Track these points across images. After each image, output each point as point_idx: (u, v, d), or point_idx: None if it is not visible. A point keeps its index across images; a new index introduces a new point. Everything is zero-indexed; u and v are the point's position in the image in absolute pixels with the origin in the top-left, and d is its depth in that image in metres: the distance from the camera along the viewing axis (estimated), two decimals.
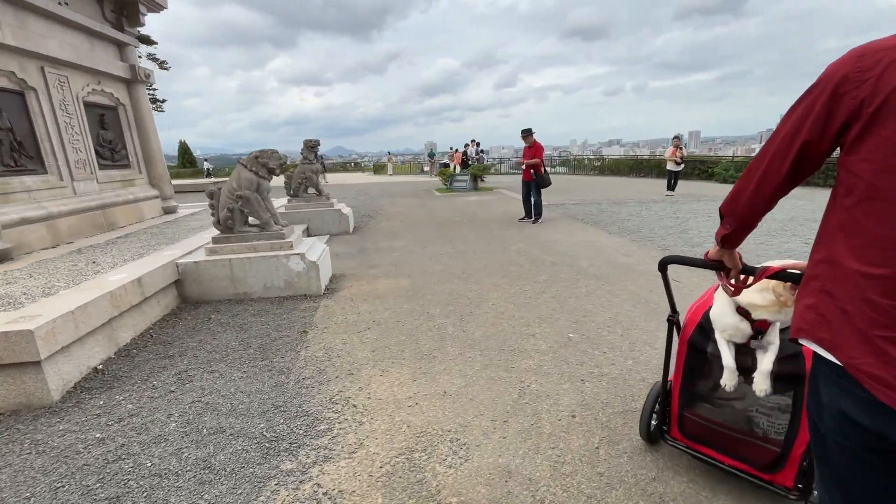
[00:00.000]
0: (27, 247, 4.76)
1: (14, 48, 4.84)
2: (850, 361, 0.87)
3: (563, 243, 6.48)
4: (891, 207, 0.82)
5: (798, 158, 0.97)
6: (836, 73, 0.87)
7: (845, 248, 0.90)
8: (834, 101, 0.87)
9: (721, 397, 1.74)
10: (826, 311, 0.93)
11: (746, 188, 1.09)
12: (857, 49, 0.86)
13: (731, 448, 1.74)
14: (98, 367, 3.04)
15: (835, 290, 0.92)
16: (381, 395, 2.62)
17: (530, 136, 8.17)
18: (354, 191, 17.03)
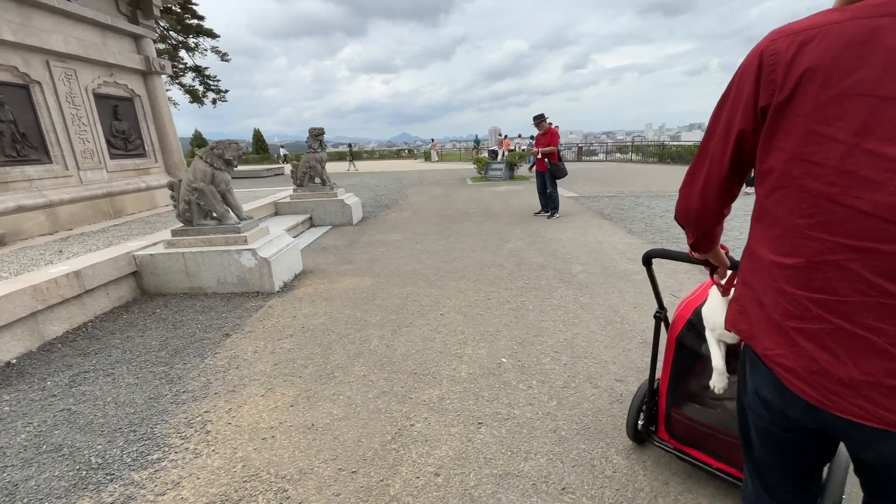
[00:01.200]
0: (24, 233, 5.06)
1: (16, 44, 5.08)
2: (765, 353, 0.90)
3: (567, 243, 5.78)
4: (801, 196, 0.81)
5: (737, 151, 0.91)
6: (755, 56, 0.83)
7: (761, 238, 0.91)
8: (758, 84, 0.83)
9: (710, 398, 1.69)
10: (746, 303, 0.95)
11: (692, 193, 1.03)
12: (774, 31, 0.83)
13: (719, 450, 1.69)
14: (12, 361, 3.06)
15: (753, 281, 0.93)
16: (244, 422, 2.33)
17: (544, 121, 7.42)
18: (390, 178, 16.98)
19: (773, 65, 0.79)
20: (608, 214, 7.67)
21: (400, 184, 14.78)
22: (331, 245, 6.31)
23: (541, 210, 7.92)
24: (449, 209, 9.00)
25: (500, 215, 8.06)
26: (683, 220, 1.12)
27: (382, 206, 9.74)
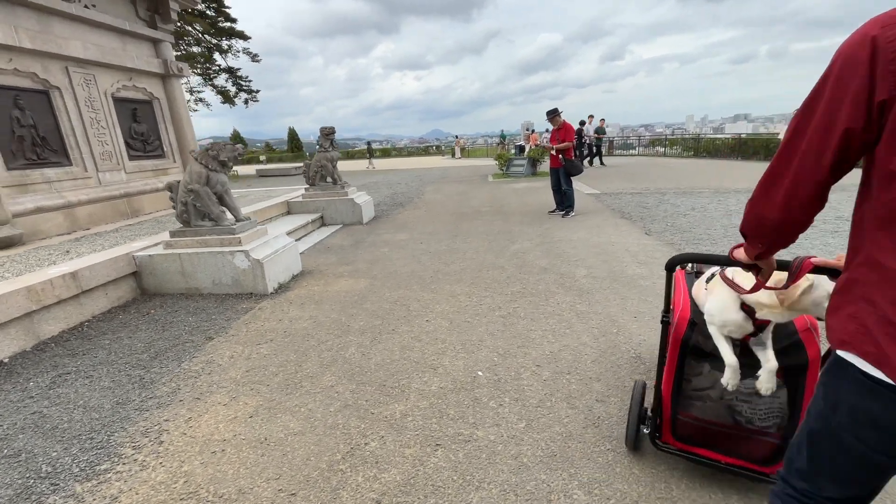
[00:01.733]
0: (42, 233, 5.29)
1: (35, 51, 5.30)
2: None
3: (577, 244, 5.49)
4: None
5: (841, 151, 0.82)
6: (863, 44, 0.74)
7: (889, 248, 0.80)
8: (873, 76, 0.73)
9: (714, 395, 1.68)
10: (868, 321, 0.84)
11: (773, 200, 0.94)
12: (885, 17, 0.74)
13: (728, 445, 1.69)
14: (4, 360, 3.15)
15: (878, 297, 0.83)
16: (200, 433, 2.27)
17: (558, 116, 7.09)
18: (411, 176, 16.94)
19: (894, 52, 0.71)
20: (627, 213, 7.27)
21: (420, 181, 14.70)
22: (336, 245, 6.28)
23: (555, 209, 7.61)
24: (462, 207, 8.82)
25: (514, 214, 7.81)
26: (755, 231, 1.04)
27: (397, 205, 9.68)
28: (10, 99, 5.15)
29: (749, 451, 1.65)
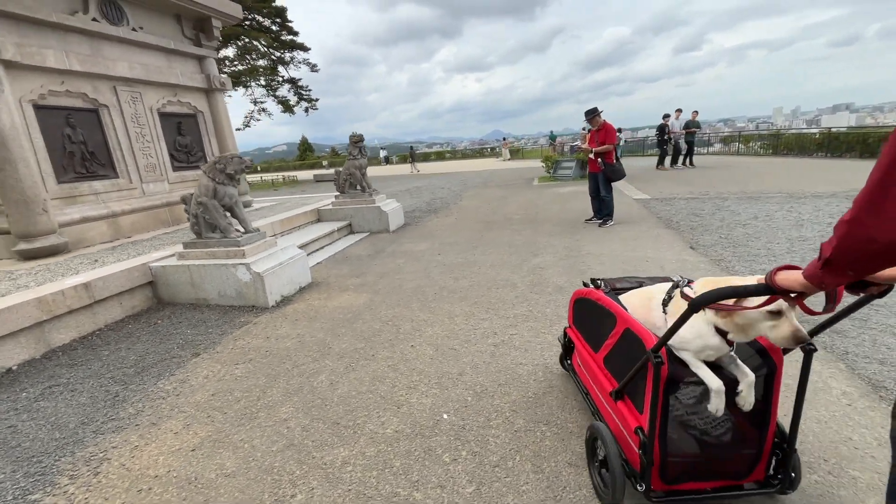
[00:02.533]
0: (87, 241, 5.71)
1: (84, 73, 5.74)
2: None
3: (606, 259, 4.95)
4: None
5: None
6: None
7: None
8: None
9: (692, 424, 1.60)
10: None
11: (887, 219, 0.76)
12: None
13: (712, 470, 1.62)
14: (13, 367, 3.34)
15: None
16: (138, 465, 2.18)
17: (597, 116, 6.51)
18: (455, 180, 16.73)
19: None
20: (675, 222, 6.50)
21: (463, 186, 14.44)
22: (355, 254, 6.20)
23: (592, 216, 7.01)
24: (495, 214, 8.44)
25: (547, 222, 7.31)
26: (853, 257, 0.87)
27: (430, 212, 9.49)
28: (63, 118, 5.62)
29: (732, 469, 1.61)
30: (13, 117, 4.86)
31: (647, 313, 1.73)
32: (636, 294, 1.89)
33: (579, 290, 2.25)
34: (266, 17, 23.53)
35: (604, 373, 1.90)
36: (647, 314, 1.73)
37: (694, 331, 1.48)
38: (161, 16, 6.99)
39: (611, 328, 1.84)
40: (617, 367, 1.80)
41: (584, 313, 2.23)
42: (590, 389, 2.10)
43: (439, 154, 44.02)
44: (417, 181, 17.92)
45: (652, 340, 1.53)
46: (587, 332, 2.18)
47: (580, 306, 2.27)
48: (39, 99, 5.31)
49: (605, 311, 1.91)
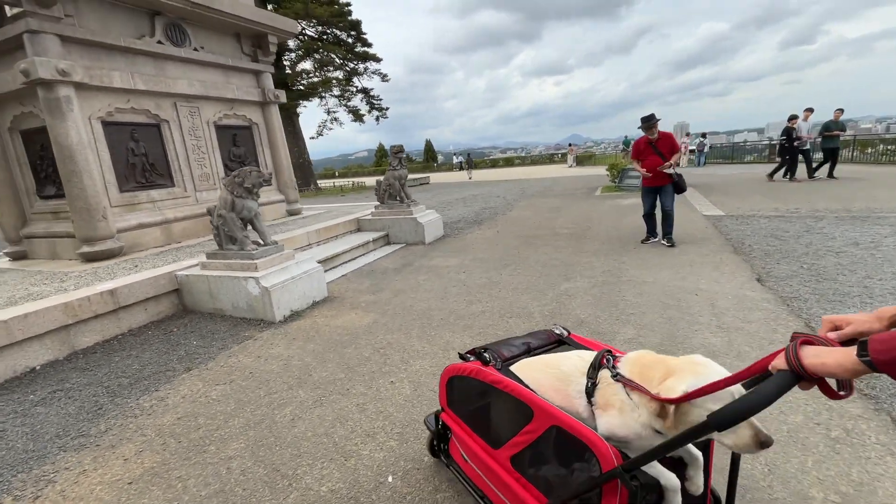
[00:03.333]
0: (141, 245, 6.18)
1: (148, 91, 6.25)
2: None
3: (647, 289, 4.28)
4: None
5: None
6: None
7: None
8: None
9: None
10: None
11: None
12: None
13: None
14: (36, 367, 3.59)
15: None
16: (73, 493, 2.14)
17: (656, 124, 5.73)
18: (511, 188, 16.16)
19: None
20: (747, 246, 5.53)
21: (520, 194, 13.88)
22: (382, 268, 6.07)
23: (648, 236, 6.20)
24: (540, 228, 7.87)
25: (595, 239, 6.63)
26: None
27: (474, 223, 9.15)
28: (128, 133, 6.16)
29: None
30: (81, 134, 5.39)
31: (562, 400, 1.34)
32: (540, 370, 1.46)
33: (457, 366, 1.70)
34: (342, 30, 24.78)
35: (514, 477, 1.45)
36: (564, 401, 1.34)
37: (630, 431, 1.21)
38: (221, 35, 7.47)
39: (523, 421, 1.38)
40: (537, 473, 1.37)
41: (469, 396, 1.70)
42: (489, 496, 1.61)
43: (508, 160, 43.35)
44: (476, 189, 17.63)
45: (607, 451, 1.15)
46: (477, 422, 1.67)
47: (462, 386, 1.72)
48: (107, 116, 5.85)
49: (511, 398, 1.43)
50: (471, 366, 1.61)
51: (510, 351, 1.67)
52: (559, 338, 1.76)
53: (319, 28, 24.54)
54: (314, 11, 21.76)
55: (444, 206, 12.77)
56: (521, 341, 1.73)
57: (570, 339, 1.76)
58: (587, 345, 1.69)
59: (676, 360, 1.22)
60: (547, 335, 1.78)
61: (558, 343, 1.75)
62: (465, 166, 28.31)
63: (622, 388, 1.23)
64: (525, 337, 1.78)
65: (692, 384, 1.08)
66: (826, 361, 0.82)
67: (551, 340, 1.75)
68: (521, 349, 1.68)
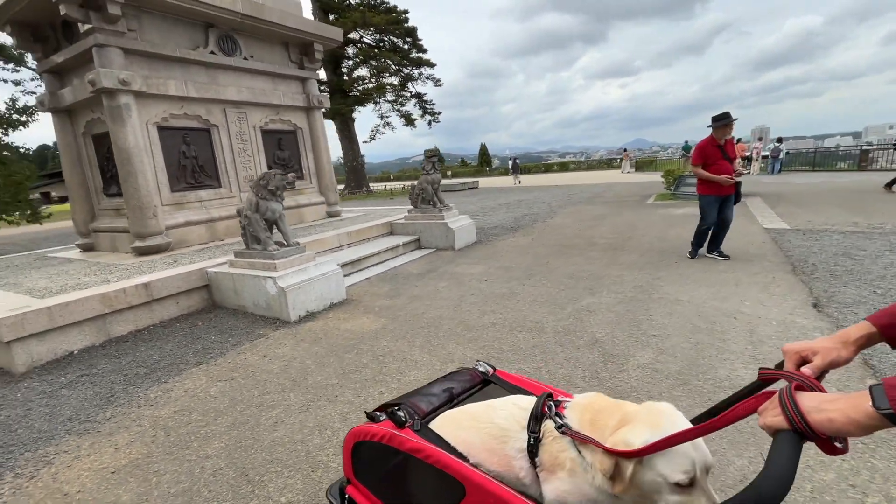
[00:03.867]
0: (187, 242, 6.61)
1: (200, 98, 6.70)
2: None
3: (679, 308, 3.89)
4: None
5: None
6: None
7: None
8: None
9: None
10: None
11: None
12: None
13: None
14: (74, 351, 3.91)
15: None
16: (63, 477, 2.26)
17: (732, 124, 5.12)
18: (558, 194, 15.62)
19: None
20: (809, 265, 4.88)
21: (566, 201, 13.38)
22: (405, 272, 6.04)
23: (695, 250, 5.59)
24: (578, 237, 7.48)
25: (635, 251, 6.17)
26: None
27: (511, 229, 8.91)
28: (180, 137, 6.63)
29: None
30: (137, 138, 5.87)
31: (499, 463, 1.10)
32: (470, 426, 1.18)
33: (364, 429, 1.32)
34: (398, 36, 25.38)
35: None
36: (501, 464, 1.10)
37: (585, 498, 1.00)
38: (271, 44, 7.86)
39: (454, 500, 1.10)
40: None
41: (383, 466, 1.34)
42: None
43: (562, 165, 42.18)
44: (523, 194, 17.25)
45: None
46: (394, 498, 1.33)
47: (373, 454, 1.34)
48: (162, 121, 6.34)
49: (437, 471, 1.12)
50: (381, 429, 1.26)
51: (430, 403, 1.37)
52: (484, 377, 1.52)
53: (377, 36, 25.34)
54: (371, 20, 22.46)
55: (485, 211, 12.61)
56: (442, 388, 1.45)
57: (498, 378, 1.50)
58: (520, 385, 1.45)
59: (635, 407, 1.02)
60: (470, 375, 1.53)
61: (483, 384, 1.51)
62: (512, 171, 27.91)
63: (571, 442, 1.01)
64: (445, 381, 1.50)
65: (647, 439, 0.89)
66: (833, 417, 0.66)
67: (476, 382, 1.50)
68: (442, 398, 1.40)
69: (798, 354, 0.90)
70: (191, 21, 6.59)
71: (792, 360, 0.90)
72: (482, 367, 1.55)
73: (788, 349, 0.92)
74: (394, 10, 24.82)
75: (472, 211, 12.80)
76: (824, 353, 0.86)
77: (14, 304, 3.90)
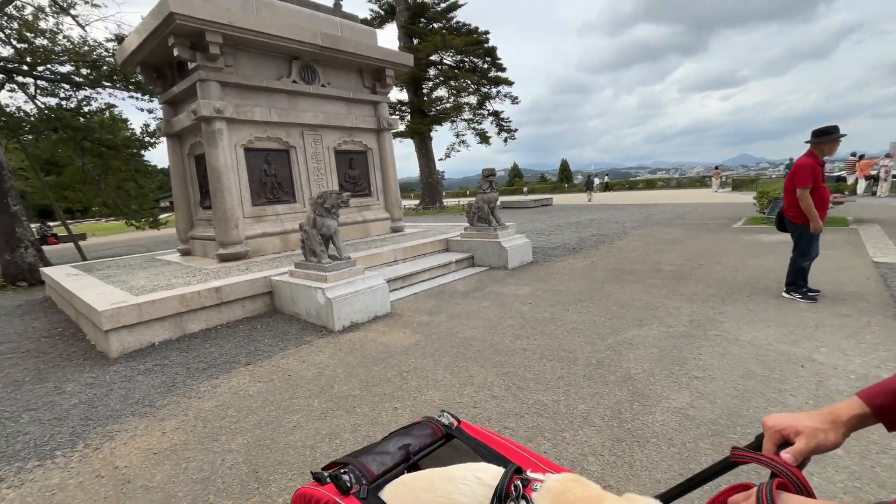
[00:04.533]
0: (263, 251, 7.34)
1: (281, 123, 7.48)
2: None
3: (737, 350, 3.49)
4: None
5: None
6: None
7: None
8: None
9: None
10: None
11: None
12: None
13: None
14: (155, 343, 4.53)
15: None
16: (117, 452, 2.64)
17: (839, 140, 4.40)
18: (638, 213, 14.68)
19: None
20: None
21: (640, 221, 12.57)
22: (452, 290, 6.11)
23: (806, 290, 4.64)
24: (643, 262, 7.00)
25: (702, 281, 5.63)
26: None
27: (571, 250, 8.58)
28: (263, 157, 7.43)
29: None
30: (227, 158, 6.71)
31: None
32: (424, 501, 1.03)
33: (306, 491, 1.13)
34: (478, 57, 25.99)
35: None
36: None
37: None
38: (347, 72, 8.54)
39: None
40: None
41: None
42: None
43: (648, 182, 39.60)
44: (597, 213, 16.53)
45: None
46: None
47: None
48: (248, 143, 7.17)
49: None
50: (324, 494, 1.09)
51: (382, 464, 1.21)
52: (447, 430, 1.35)
53: (457, 57, 26.20)
54: (451, 42, 23.31)
55: (552, 229, 12.29)
56: (399, 444, 1.29)
57: (462, 433, 1.32)
58: (487, 443, 1.29)
59: (616, 499, 0.87)
60: (431, 429, 1.36)
61: (446, 438, 1.34)
62: (585, 189, 26.91)
63: None
64: (402, 436, 1.34)
65: None
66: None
67: (437, 437, 1.34)
68: (397, 458, 1.25)
69: (779, 432, 0.78)
70: (278, 55, 7.42)
71: (772, 439, 0.79)
72: (446, 419, 1.39)
73: (768, 423, 0.80)
74: (474, 32, 25.54)
75: (538, 229, 12.57)
76: (809, 434, 0.74)
77: (116, 299, 4.64)
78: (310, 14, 7.98)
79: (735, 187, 27.74)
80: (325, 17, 8.26)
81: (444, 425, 1.36)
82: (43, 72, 11.31)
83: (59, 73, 11.51)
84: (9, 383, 3.84)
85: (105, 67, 11.38)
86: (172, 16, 5.82)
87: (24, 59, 10.97)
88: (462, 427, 1.37)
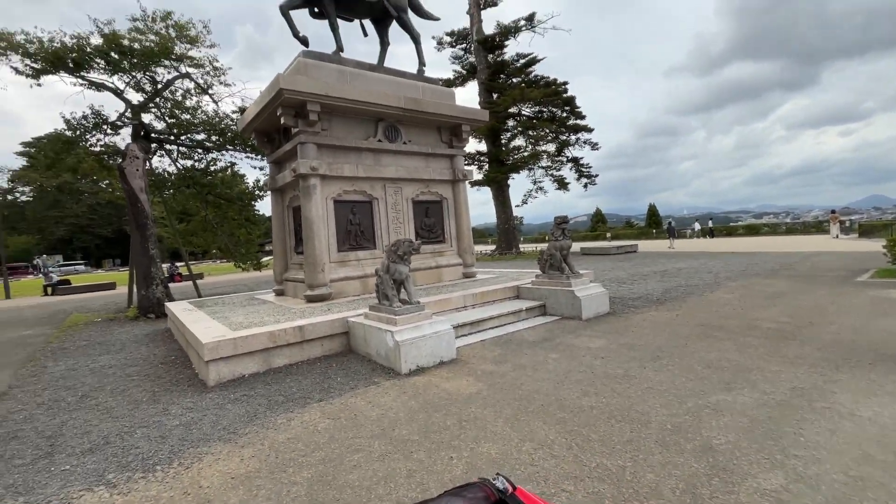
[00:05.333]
0: (344, 293, 7.88)
1: (366, 177, 8.23)
2: None
3: (858, 430, 2.98)
4: None
5: None
6: None
7: None
8: None
9: None
10: None
11: None
12: None
13: None
14: (245, 375, 5.02)
15: None
16: (202, 473, 2.94)
17: None
18: (735, 262, 13.29)
19: None
20: None
21: (737, 272, 11.36)
22: (521, 339, 5.99)
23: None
24: (735, 318, 6.30)
25: (809, 342, 4.91)
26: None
27: (655, 302, 8.00)
28: (349, 208, 8.17)
29: None
30: (318, 209, 7.50)
31: None
32: None
33: None
34: (556, 107, 26.42)
35: None
36: None
37: None
38: (426, 130, 9.24)
39: None
40: None
41: None
42: None
43: (749, 228, 35.88)
44: (685, 261, 15.29)
45: None
46: None
47: None
48: (337, 196, 7.96)
49: None
50: None
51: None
52: (500, 495, 1.23)
53: (535, 108, 26.88)
54: (529, 95, 24.07)
55: (634, 278, 11.61)
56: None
57: (516, 501, 1.22)
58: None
59: None
60: (485, 493, 1.24)
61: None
62: (668, 235, 25.16)
63: None
64: (454, 496, 1.23)
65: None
66: None
67: (490, 502, 1.24)
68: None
69: None
70: (366, 118, 8.30)
71: None
72: (500, 484, 1.27)
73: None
74: (552, 84, 26.16)
75: (619, 278, 11.95)
76: None
77: (217, 333, 5.28)
78: (394, 80, 8.88)
79: (862, 233, 24.07)
80: (407, 82, 9.13)
81: (497, 490, 1.24)
82: (184, 140, 13.78)
83: (195, 140, 13.94)
84: (131, 402, 4.50)
85: (229, 134, 13.55)
86: (282, 91, 6.87)
87: (171, 131, 13.51)
88: (517, 494, 1.25)
